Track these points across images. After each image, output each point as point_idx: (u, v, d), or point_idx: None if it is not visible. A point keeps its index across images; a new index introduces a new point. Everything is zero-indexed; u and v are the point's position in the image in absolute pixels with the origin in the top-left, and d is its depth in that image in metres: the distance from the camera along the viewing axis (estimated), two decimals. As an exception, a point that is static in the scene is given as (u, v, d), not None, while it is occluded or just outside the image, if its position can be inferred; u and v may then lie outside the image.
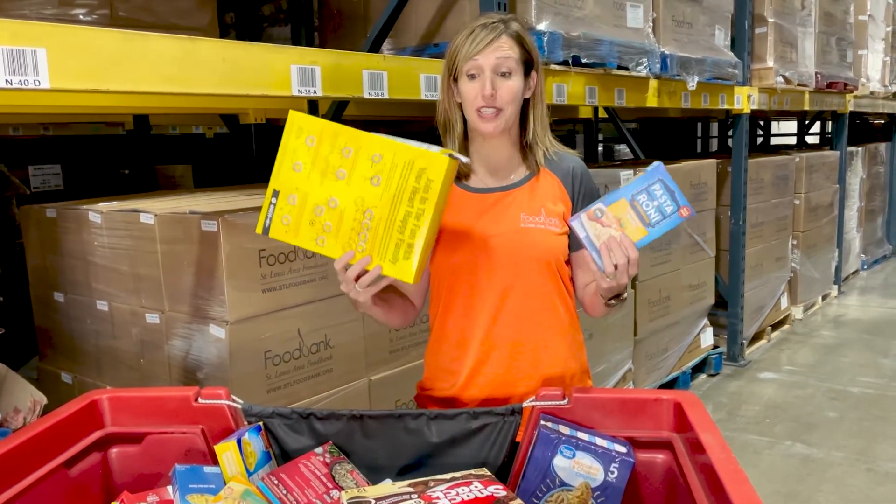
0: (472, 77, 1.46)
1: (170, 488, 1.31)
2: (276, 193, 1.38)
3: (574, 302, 1.63)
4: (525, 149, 1.57)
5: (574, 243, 1.57)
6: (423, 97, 2.29)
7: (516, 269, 1.52)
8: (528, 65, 1.51)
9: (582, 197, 1.58)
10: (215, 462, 1.32)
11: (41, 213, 2.62)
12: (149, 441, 1.41)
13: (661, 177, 1.30)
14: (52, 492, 1.28)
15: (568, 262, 1.59)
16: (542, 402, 1.36)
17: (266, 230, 1.39)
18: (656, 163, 1.32)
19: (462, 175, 1.56)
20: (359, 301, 1.42)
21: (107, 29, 1.55)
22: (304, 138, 1.36)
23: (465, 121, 1.55)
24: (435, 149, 1.34)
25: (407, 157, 1.31)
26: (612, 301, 1.46)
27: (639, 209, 1.31)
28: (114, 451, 1.42)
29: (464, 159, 1.38)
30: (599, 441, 1.32)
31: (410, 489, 1.22)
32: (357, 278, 1.35)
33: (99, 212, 2.36)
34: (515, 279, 1.52)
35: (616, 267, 1.32)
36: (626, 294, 1.46)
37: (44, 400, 2.00)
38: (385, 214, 1.33)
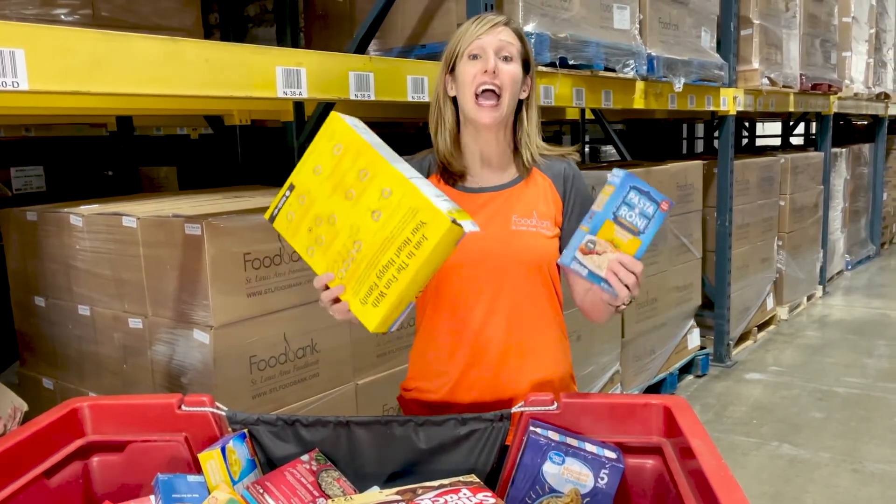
0: (473, 57, 1.46)
1: (152, 498, 1.29)
2: (291, 187, 1.34)
3: (562, 305, 1.62)
4: (516, 148, 1.56)
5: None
6: (409, 99, 2.27)
7: (507, 272, 1.51)
8: (526, 64, 1.52)
9: (574, 198, 1.56)
10: (199, 471, 1.30)
11: (21, 216, 2.58)
12: (131, 450, 1.38)
13: (632, 183, 1.27)
14: (31, 503, 1.25)
15: (559, 266, 1.58)
16: (532, 408, 1.35)
17: (272, 219, 1.37)
18: (621, 172, 1.28)
19: (457, 175, 1.55)
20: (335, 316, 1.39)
21: (87, 29, 1.52)
22: (333, 144, 1.31)
23: (456, 115, 1.54)
24: (446, 206, 1.22)
25: (412, 204, 1.21)
26: (624, 305, 1.41)
27: (624, 223, 1.28)
28: (95, 460, 1.40)
29: (471, 228, 1.23)
30: (589, 447, 1.30)
31: (398, 497, 1.21)
32: (333, 301, 1.33)
33: (80, 215, 2.33)
34: (505, 282, 1.51)
35: (627, 286, 1.30)
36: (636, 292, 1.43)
37: (24, 406, 1.96)
38: (371, 253, 1.25)
